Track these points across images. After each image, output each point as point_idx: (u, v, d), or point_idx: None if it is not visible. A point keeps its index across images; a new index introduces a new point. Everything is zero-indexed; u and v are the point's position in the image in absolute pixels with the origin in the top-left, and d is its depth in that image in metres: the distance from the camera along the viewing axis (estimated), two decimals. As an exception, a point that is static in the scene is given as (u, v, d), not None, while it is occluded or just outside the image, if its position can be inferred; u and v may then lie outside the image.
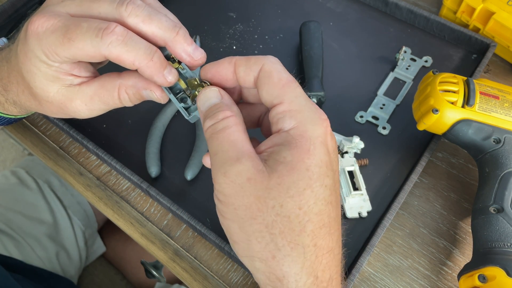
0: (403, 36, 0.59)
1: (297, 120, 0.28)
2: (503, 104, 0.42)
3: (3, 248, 0.63)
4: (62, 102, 0.35)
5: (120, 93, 0.34)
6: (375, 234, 0.42)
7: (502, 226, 0.38)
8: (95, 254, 0.77)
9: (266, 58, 0.30)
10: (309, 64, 0.53)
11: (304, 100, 0.28)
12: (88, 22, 0.30)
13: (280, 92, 0.28)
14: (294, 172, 0.26)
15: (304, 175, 0.26)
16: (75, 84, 0.34)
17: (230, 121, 0.29)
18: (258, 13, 0.62)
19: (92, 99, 0.34)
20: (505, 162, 0.41)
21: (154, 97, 0.34)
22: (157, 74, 0.31)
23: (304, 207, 0.26)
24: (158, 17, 0.31)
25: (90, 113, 0.36)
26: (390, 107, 0.53)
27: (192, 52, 0.32)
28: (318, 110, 0.28)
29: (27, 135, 0.53)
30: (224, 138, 0.28)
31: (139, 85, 0.33)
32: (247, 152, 0.27)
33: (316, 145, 0.27)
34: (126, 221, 0.47)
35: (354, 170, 0.47)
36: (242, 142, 0.28)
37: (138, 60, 0.30)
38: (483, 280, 0.36)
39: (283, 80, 0.29)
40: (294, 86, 0.29)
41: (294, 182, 0.26)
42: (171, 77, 0.32)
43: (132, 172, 0.46)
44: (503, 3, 0.53)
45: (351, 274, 0.40)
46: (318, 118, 0.28)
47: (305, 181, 0.26)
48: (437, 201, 0.47)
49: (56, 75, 0.33)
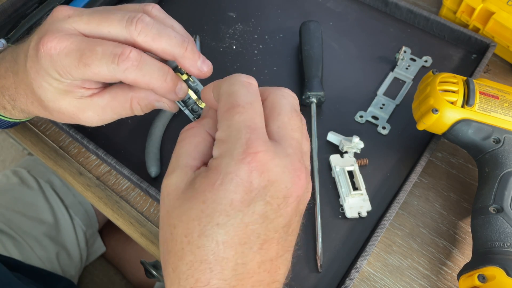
0: (403, 36, 0.59)
1: (219, 151, 0.27)
2: (503, 104, 0.42)
3: (3, 248, 0.63)
4: (74, 113, 0.35)
5: (132, 104, 0.35)
6: (374, 234, 0.42)
7: (501, 226, 0.38)
8: (95, 254, 0.77)
9: (227, 80, 0.29)
10: (309, 64, 0.53)
11: (235, 130, 0.26)
12: (103, 46, 0.31)
13: (220, 118, 0.28)
14: (192, 200, 0.26)
15: (197, 207, 0.26)
16: (86, 96, 0.35)
17: (188, 133, 0.30)
18: (258, 13, 0.62)
19: (104, 110, 0.35)
20: (505, 162, 0.41)
21: (165, 107, 0.36)
22: (169, 93, 0.33)
23: (188, 236, 0.26)
24: (167, 33, 0.32)
25: (101, 122, 0.36)
26: (390, 107, 0.53)
27: (200, 66, 0.33)
28: (248, 142, 0.25)
29: (26, 135, 0.53)
30: (176, 150, 0.30)
31: (151, 98, 0.35)
32: (181, 166, 0.28)
33: (224, 181, 0.25)
34: (126, 221, 0.47)
35: (354, 170, 0.48)
36: (185, 154, 0.29)
37: (152, 83, 0.32)
38: (483, 280, 0.36)
39: (226, 106, 0.27)
40: (233, 113, 0.27)
41: (188, 209, 0.26)
42: (182, 93, 0.34)
43: (132, 172, 0.46)
44: (503, 3, 0.53)
45: (351, 274, 0.40)
46: (241, 151, 0.25)
47: (196, 212, 0.26)
48: (437, 201, 0.47)
49: (68, 89, 0.34)
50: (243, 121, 0.26)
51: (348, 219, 0.46)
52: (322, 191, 0.47)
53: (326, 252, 0.44)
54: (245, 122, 0.26)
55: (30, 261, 0.64)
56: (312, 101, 0.51)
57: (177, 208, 0.27)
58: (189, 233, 0.26)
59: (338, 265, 0.43)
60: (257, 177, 0.25)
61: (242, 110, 0.27)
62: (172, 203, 0.27)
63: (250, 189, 0.25)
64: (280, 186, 0.26)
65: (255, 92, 0.28)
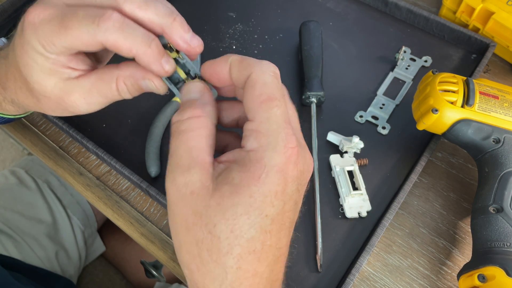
0: (402, 36, 0.59)
1: (259, 143, 0.27)
2: (502, 104, 0.42)
3: (2, 247, 0.63)
4: (60, 97, 0.34)
5: (118, 84, 0.33)
6: (374, 234, 0.42)
7: (501, 226, 0.38)
8: (95, 254, 0.77)
9: (258, 65, 0.28)
10: (309, 63, 0.53)
11: (275, 124, 0.27)
12: (85, 10, 0.30)
13: (256, 109, 0.27)
14: (236, 195, 0.26)
15: (245, 201, 0.26)
16: (73, 78, 0.33)
17: (194, 123, 0.28)
18: (258, 13, 0.62)
19: (90, 92, 0.33)
20: (505, 162, 0.41)
21: (152, 87, 0.33)
22: (154, 63, 0.30)
23: (236, 231, 0.26)
24: (154, 3, 0.31)
25: (88, 107, 0.35)
26: (390, 107, 0.53)
27: (190, 39, 0.32)
28: (288, 137, 0.27)
29: (26, 134, 0.53)
30: (182, 142, 0.28)
31: (137, 75, 0.32)
32: (200, 162, 0.27)
33: (270, 174, 0.26)
34: (126, 221, 0.47)
35: (354, 170, 0.48)
36: (199, 149, 0.28)
37: (135, 47, 0.30)
38: (483, 280, 0.36)
39: (263, 97, 0.27)
40: (271, 106, 0.27)
41: (233, 205, 0.26)
42: (168, 66, 0.31)
43: (131, 171, 0.46)
44: (502, 3, 0.53)
45: (351, 274, 0.40)
46: (282, 146, 0.27)
47: (244, 207, 0.26)
48: (436, 201, 0.47)
49: (53, 67, 0.32)
50: (281, 115, 0.27)
51: (348, 219, 0.46)
52: (322, 191, 0.47)
53: (326, 252, 0.44)
54: (283, 116, 0.27)
55: (29, 261, 0.64)
56: (312, 101, 0.51)
57: (215, 206, 0.26)
58: (237, 228, 0.26)
59: (338, 265, 0.43)
60: (293, 169, 0.27)
61: (279, 104, 0.27)
62: (205, 202, 0.27)
63: (289, 180, 0.27)
64: (305, 174, 0.29)
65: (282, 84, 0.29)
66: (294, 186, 0.28)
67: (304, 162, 0.28)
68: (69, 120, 0.51)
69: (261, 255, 0.27)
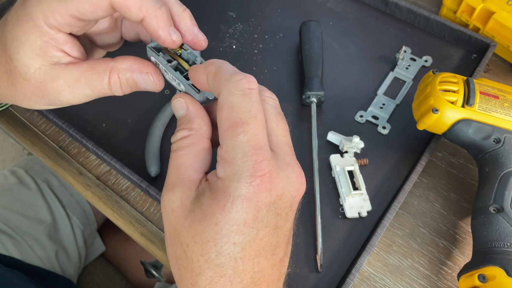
0: (403, 36, 0.59)
1: (225, 172, 0.26)
2: (503, 104, 0.42)
3: (2, 247, 0.63)
4: (42, 81, 0.31)
5: (111, 76, 0.31)
6: (375, 234, 0.42)
7: (502, 226, 0.38)
8: (95, 254, 0.77)
9: (226, 85, 0.27)
10: (309, 63, 0.53)
11: (241, 153, 0.25)
12: None
13: (222, 135, 0.27)
14: (204, 221, 0.26)
15: (212, 229, 0.26)
16: (62, 63, 0.31)
17: (184, 142, 0.29)
18: (258, 13, 0.62)
19: (77, 81, 0.31)
20: (505, 161, 0.41)
21: (149, 82, 0.31)
22: (163, 28, 0.29)
23: (205, 255, 0.26)
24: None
25: (71, 97, 0.32)
26: (390, 106, 0.53)
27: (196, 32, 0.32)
28: (255, 165, 0.25)
29: (26, 134, 0.53)
30: (173, 160, 0.29)
31: (134, 67, 0.31)
32: (184, 181, 0.28)
33: (235, 203, 0.25)
34: (126, 221, 0.47)
35: (354, 170, 0.47)
36: (185, 167, 0.28)
37: (145, 6, 0.28)
38: (483, 279, 0.36)
39: (229, 122, 0.26)
40: (237, 133, 0.26)
41: (202, 231, 0.26)
42: (176, 36, 0.30)
43: (131, 171, 0.46)
44: (503, 3, 0.53)
45: (351, 274, 0.40)
46: (248, 176, 0.25)
47: (210, 234, 0.26)
48: (437, 201, 0.47)
49: (45, 47, 0.30)
50: (247, 141, 0.26)
51: (348, 219, 0.45)
52: (322, 191, 0.47)
53: (326, 252, 0.44)
54: (250, 142, 0.26)
55: (29, 261, 0.64)
56: (312, 101, 0.51)
57: (187, 228, 0.27)
58: (206, 253, 0.26)
59: (338, 265, 0.43)
60: (266, 196, 0.26)
61: (247, 129, 0.26)
62: (181, 222, 0.27)
63: (261, 207, 0.26)
64: (287, 197, 0.27)
65: (257, 100, 0.27)
66: (270, 212, 0.26)
67: (286, 185, 0.27)
68: (69, 120, 0.51)
69: (233, 278, 0.27)
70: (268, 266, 0.28)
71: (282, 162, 0.27)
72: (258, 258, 0.27)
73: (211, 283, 0.27)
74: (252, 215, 0.26)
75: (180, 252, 0.27)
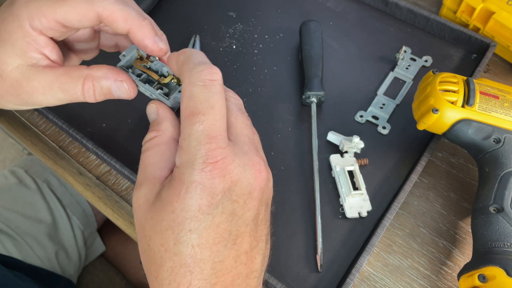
0: (403, 36, 0.59)
1: (181, 160, 0.27)
2: (503, 104, 0.42)
3: (2, 247, 0.63)
4: (17, 80, 0.32)
5: (85, 83, 0.32)
6: (375, 234, 0.42)
7: (502, 226, 0.38)
8: (95, 254, 0.77)
9: (187, 75, 0.28)
10: (309, 63, 0.53)
11: (195, 141, 0.27)
12: None
13: (181, 124, 0.28)
14: (163, 211, 0.27)
15: (168, 217, 0.27)
16: (39, 65, 0.32)
17: (151, 143, 0.30)
18: (258, 13, 0.62)
19: (51, 84, 0.32)
20: (505, 162, 0.41)
21: (123, 89, 0.32)
22: (149, 37, 0.31)
23: (165, 245, 0.27)
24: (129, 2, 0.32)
25: (44, 99, 0.33)
26: (390, 106, 0.53)
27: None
28: (209, 153, 0.26)
29: (26, 134, 0.53)
30: (141, 160, 0.30)
31: (109, 75, 0.32)
32: (149, 178, 0.29)
33: (189, 190, 0.26)
34: (126, 221, 0.47)
35: (354, 170, 0.47)
36: (151, 166, 0.29)
37: (131, 18, 0.30)
38: (483, 280, 0.36)
39: (187, 111, 0.27)
40: (194, 122, 0.27)
41: (161, 220, 0.27)
42: (162, 43, 0.32)
43: (131, 171, 0.46)
44: (503, 3, 0.53)
45: (351, 274, 0.40)
46: (201, 162, 0.26)
47: (167, 222, 0.27)
48: (437, 201, 0.47)
49: (25, 48, 0.31)
50: (202, 131, 0.27)
51: (348, 219, 0.45)
52: (322, 191, 0.47)
53: (326, 252, 0.44)
54: (205, 131, 0.27)
55: (29, 261, 0.64)
56: (312, 101, 0.51)
57: (149, 220, 0.28)
58: (165, 242, 0.27)
59: (338, 265, 0.43)
60: (220, 182, 0.27)
61: (202, 118, 0.27)
62: (145, 215, 0.28)
63: (215, 192, 0.27)
64: (243, 184, 0.28)
65: (218, 91, 0.28)
66: (225, 198, 0.27)
67: (242, 171, 0.27)
68: (69, 120, 0.51)
69: (193, 268, 0.27)
70: (230, 257, 0.28)
71: (239, 151, 0.28)
72: (217, 246, 0.27)
73: (171, 274, 0.27)
74: (207, 200, 0.26)
75: (145, 246, 0.28)
